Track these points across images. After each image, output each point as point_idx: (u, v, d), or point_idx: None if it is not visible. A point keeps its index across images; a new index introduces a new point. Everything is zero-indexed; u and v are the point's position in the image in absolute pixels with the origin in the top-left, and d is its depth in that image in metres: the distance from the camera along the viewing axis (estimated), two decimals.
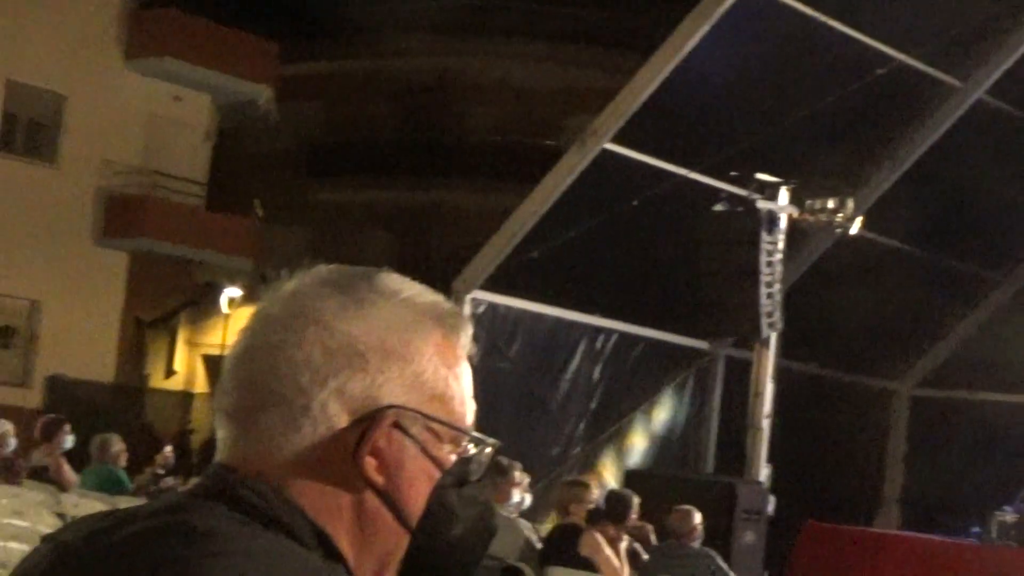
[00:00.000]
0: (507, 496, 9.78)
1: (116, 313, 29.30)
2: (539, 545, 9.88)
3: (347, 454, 1.52)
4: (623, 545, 9.75)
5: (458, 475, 1.59)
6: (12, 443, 12.69)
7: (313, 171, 35.59)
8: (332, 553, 1.49)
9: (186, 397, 32.84)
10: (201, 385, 34.41)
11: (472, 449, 1.62)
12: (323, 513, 1.51)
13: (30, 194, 27.29)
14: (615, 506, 9.96)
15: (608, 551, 9.52)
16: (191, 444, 26.47)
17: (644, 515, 10.71)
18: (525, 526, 9.84)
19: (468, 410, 1.62)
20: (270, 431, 1.51)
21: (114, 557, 1.45)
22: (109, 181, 28.84)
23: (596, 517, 9.81)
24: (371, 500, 1.54)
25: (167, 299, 31.11)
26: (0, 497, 10.36)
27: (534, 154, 27.72)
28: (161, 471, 13.24)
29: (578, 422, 16.69)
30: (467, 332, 1.63)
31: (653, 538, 10.97)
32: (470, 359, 1.64)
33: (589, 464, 16.75)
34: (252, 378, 1.53)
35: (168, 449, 14.67)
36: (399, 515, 1.55)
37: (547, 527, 11.16)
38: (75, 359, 28.03)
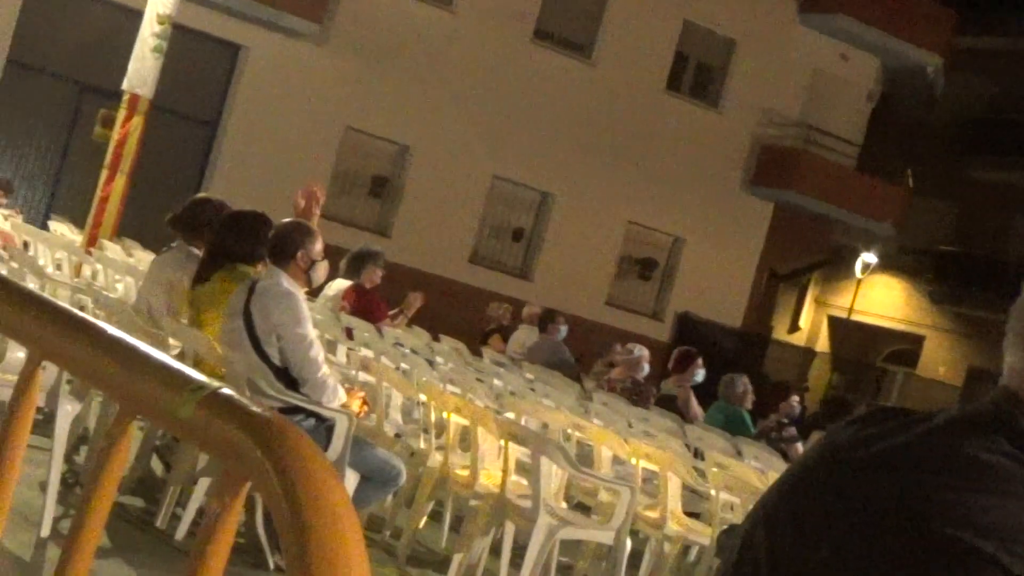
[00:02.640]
0: None
1: (752, 261, 29.71)
2: None
3: None
4: None
5: None
6: (645, 368, 13.17)
7: (971, 148, 34.63)
8: None
9: (807, 354, 32.99)
10: (823, 344, 34.44)
11: None
12: None
13: (689, 133, 28.04)
14: None
15: None
16: (804, 402, 26.52)
17: None
18: None
19: None
20: None
21: (871, 468, 1.43)
22: (765, 130, 29.20)
23: None
24: None
25: (801, 254, 31.25)
26: (630, 417, 10.74)
27: None
28: (785, 420, 13.23)
29: None
30: None
31: None
32: None
33: None
34: None
35: (795, 399, 14.64)
36: None
37: None
38: (706, 300, 28.69)
